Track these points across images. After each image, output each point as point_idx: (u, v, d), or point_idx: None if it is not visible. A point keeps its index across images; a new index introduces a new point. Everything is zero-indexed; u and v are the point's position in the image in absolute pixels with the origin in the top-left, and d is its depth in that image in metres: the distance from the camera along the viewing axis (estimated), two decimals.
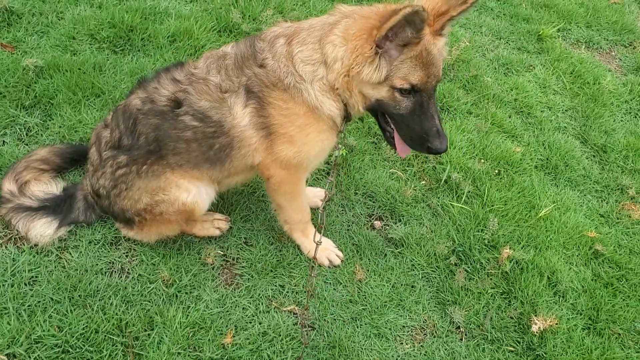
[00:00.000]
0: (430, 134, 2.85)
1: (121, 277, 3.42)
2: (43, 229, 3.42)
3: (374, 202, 4.24)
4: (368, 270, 3.78)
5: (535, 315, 3.69)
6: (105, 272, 3.41)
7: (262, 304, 3.47)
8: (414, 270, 3.86)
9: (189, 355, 3.15)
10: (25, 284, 3.23)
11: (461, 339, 3.60)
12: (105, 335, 3.11)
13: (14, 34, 4.54)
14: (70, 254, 3.43)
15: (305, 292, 3.54)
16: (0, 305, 3.09)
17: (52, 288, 3.23)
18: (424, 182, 4.46)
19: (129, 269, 3.47)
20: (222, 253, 3.68)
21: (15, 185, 3.48)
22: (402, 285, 3.75)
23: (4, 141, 3.87)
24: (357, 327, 3.48)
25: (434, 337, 3.58)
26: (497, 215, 4.26)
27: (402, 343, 3.51)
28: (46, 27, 4.67)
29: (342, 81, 2.84)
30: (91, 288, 3.28)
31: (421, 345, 3.52)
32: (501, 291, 3.85)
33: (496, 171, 4.68)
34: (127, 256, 3.52)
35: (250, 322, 3.38)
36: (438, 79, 2.80)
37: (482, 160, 4.73)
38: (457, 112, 5.17)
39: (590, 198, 4.81)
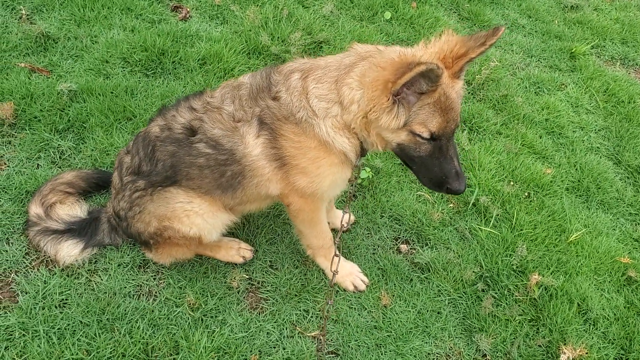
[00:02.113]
0: (450, 175, 2.85)
1: (148, 300, 3.47)
2: (69, 250, 3.51)
3: (400, 225, 4.22)
4: (393, 296, 3.76)
5: (565, 344, 3.62)
6: (133, 295, 3.47)
7: (286, 329, 3.48)
8: (440, 296, 3.83)
9: None
10: (56, 307, 3.30)
11: None
12: None
13: (50, 58, 4.67)
14: (100, 276, 3.50)
15: (329, 318, 3.54)
16: (31, 327, 3.17)
17: (82, 311, 3.29)
18: (451, 205, 4.42)
19: (156, 292, 3.52)
20: (247, 277, 3.70)
21: (42, 209, 3.57)
22: (428, 311, 3.72)
23: (38, 164, 3.98)
24: (382, 354, 3.46)
25: None
26: (526, 239, 4.20)
27: None
28: (80, 51, 4.79)
29: (360, 122, 2.86)
30: (119, 311, 3.34)
31: None
32: (529, 318, 3.79)
33: (526, 194, 4.62)
34: (154, 279, 3.58)
35: (274, 347, 3.40)
36: (457, 123, 2.80)
37: (512, 183, 4.66)
38: (487, 133, 5.12)
39: (624, 222, 4.70)
